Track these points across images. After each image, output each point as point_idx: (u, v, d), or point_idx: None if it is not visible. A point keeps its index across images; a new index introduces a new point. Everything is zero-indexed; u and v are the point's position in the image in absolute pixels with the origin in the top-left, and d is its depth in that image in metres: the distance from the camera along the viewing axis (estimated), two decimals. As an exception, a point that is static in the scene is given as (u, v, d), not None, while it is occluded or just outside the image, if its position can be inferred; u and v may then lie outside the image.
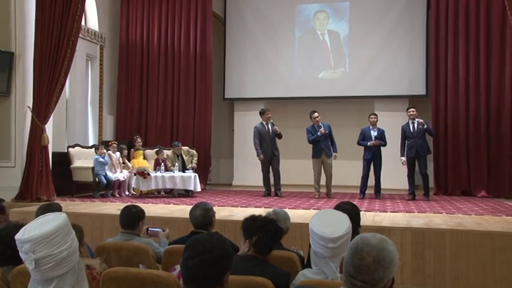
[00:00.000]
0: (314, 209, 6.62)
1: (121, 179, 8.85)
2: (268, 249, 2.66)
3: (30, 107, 7.66)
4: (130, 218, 3.52)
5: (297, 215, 5.93)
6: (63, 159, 8.63)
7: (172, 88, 10.73)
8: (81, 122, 10.08)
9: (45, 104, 7.65)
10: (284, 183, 8.83)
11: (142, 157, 9.59)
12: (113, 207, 6.72)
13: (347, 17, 10.72)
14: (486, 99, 9.02)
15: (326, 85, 10.75)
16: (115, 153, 8.97)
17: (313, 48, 10.88)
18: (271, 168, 8.73)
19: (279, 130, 8.61)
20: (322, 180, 8.44)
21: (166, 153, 9.16)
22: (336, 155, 8.35)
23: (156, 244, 3.56)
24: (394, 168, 8.83)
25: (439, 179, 9.36)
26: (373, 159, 8.19)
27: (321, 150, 8.30)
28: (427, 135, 8.04)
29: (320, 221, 2.36)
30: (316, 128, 8.31)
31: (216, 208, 4.09)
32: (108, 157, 8.71)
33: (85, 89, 10.25)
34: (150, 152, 9.68)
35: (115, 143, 9.14)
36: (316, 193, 8.42)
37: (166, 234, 3.80)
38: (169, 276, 2.46)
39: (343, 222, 2.36)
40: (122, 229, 3.52)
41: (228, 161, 11.81)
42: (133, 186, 8.77)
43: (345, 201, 3.33)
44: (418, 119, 7.91)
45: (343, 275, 1.61)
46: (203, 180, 10.00)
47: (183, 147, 9.33)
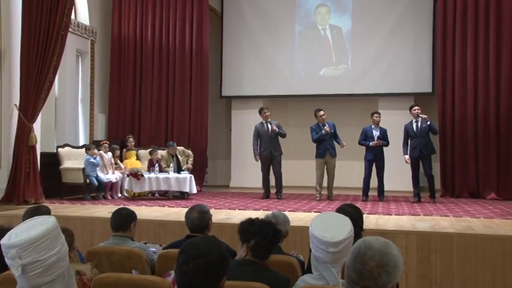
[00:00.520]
0: (315, 212, 6.63)
1: (113, 181, 8.85)
2: (266, 253, 2.66)
3: (17, 105, 7.64)
4: (121, 219, 3.52)
5: (297, 218, 5.93)
6: (52, 160, 8.63)
7: (167, 85, 10.72)
8: (71, 120, 10.06)
9: (33, 101, 7.63)
10: (283, 184, 8.82)
11: (135, 157, 9.60)
12: (105, 210, 6.72)
13: (349, 11, 10.72)
14: (496, 96, 9.01)
15: (327, 82, 10.76)
16: (106, 153, 8.97)
17: (314, 43, 10.88)
18: (272, 170, 8.73)
19: (278, 129, 8.60)
20: (324, 182, 8.45)
21: (161, 153, 9.16)
22: (343, 144, 8.35)
23: (150, 250, 3.56)
24: (399, 169, 8.84)
25: (445, 181, 9.36)
26: (375, 159, 8.20)
27: (325, 150, 8.31)
28: (431, 134, 8.05)
29: (321, 224, 2.36)
30: (321, 126, 8.33)
31: (212, 211, 4.09)
32: (99, 158, 8.71)
33: (75, 86, 10.23)
34: (143, 152, 9.68)
35: (106, 143, 9.14)
36: (318, 195, 8.43)
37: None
38: (163, 282, 2.46)
39: (345, 226, 2.36)
40: (114, 232, 3.52)
41: (225, 161, 11.80)
42: (126, 188, 8.77)
43: (347, 203, 3.33)
44: (422, 115, 7.91)
45: (345, 280, 1.61)
46: (199, 181, 10.01)
47: (178, 147, 9.33)
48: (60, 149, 8.90)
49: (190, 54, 10.63)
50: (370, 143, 8.19)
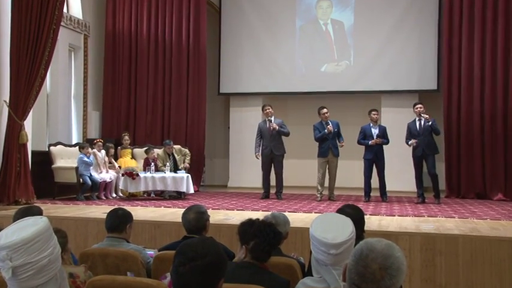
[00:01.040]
0: (315, 213, 6.63)
1: (107, 180, 8.85)
2: (266, 255, 2.66)
3: (7, 101, 7.62)
4: (117, 220, 3.52)
5: (297, 218, 5.94)
6: (44, 159, 8.63)
7: (163, 82, 10.71)
8: (63, 118, 10.05)
9: (23, 98, 7.61)
10: (283, 184, 8.82)
11: (131, 156, 9.60)
12: (99, 211, 6.73)
13: (352, 5, 10.73)
14: (503, 94, 9.00)
15: (329, 79, 10.77)
16: (100, 152, 8.97)
17: (316, 39, 10.88)
18: (274, 169, 8.73)
19: (280, 127, 8.54)
20: (326, 182, 8.46)
21: (157, 152, 9.15)
22: (342, 144, 8.37)
23: (146, 252, 3.56)
24: (402, 169, 8.85)
25: (451, 181, 9.36)
26: (375, 159, 8.21)
27: (327, 149, 8.32)
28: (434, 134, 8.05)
29: (321, 225, 2.37)
30: (324, 125, 8.34)
31: (210, 211, 4.11)
32: (93, 156, 8.71)
33: (68, 82, 10.22)
34: (139, 150, 9.69)
35: (100, 141, 9.14)
36: (318, 195, 8.44)
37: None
38: (159, 284, 2.47)
39: (346, 227, 2.36)
40: (108, 233, 3.52)
41: (223, 160, 11.81)
42: (120, 187, 8.77)
43: (349, 204, 3.34)
44: (424, 115, 7.90)
45: (347, 283, 1.61)
46: (196, 181, 10.00)
47: (174, 146, 9.33)
48: (52, 148, 8.90)
49: (187, 49, 10.62)
50: (369, 142, 8.19)
